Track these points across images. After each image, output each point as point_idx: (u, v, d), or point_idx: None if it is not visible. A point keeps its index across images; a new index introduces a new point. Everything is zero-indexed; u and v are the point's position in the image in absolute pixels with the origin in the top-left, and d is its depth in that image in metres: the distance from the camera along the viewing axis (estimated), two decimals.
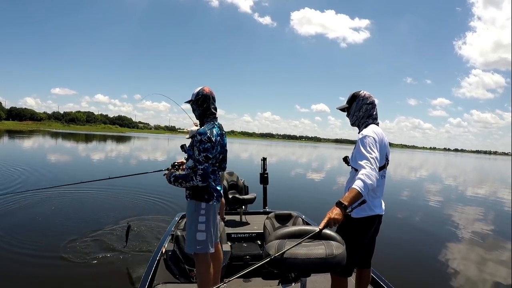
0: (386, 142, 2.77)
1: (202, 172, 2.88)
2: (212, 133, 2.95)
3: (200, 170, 2.88)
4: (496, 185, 26.18)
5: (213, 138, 2.94)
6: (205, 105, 3.10)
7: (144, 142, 56.92)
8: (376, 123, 2.84)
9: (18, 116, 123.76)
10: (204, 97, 3.10)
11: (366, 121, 2.83)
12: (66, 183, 11.29)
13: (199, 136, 2.92)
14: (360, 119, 2.86)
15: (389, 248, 6.63)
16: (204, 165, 2.89)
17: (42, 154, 23.91)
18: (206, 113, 3.12)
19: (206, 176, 2.91)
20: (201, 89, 3.13)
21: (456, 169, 46.73)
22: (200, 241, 2.97)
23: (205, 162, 2.89)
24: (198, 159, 2.91)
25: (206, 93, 3.11)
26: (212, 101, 3.14)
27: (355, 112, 2.88)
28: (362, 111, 2.84)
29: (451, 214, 12.10)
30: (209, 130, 2.96)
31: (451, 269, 6.26)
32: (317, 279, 3.55)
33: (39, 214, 7.63)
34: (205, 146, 2.89)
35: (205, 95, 3.11)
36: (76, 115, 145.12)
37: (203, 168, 2.89)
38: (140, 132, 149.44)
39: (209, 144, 2.90)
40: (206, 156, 2.89)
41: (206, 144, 2.89)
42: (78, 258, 5.42)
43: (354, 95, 2.90)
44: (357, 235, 2.71)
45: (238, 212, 5.76)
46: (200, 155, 2.89)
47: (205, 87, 3.16)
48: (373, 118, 2.84)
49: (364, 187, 2.36)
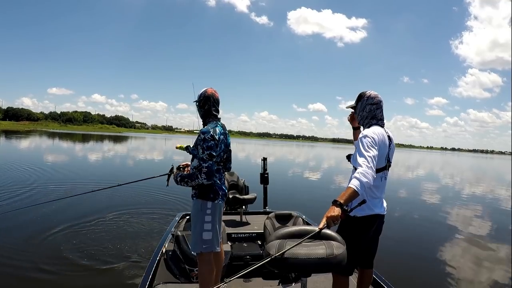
0: (388, 143, 2.75)
1: (207, 170, 2.91)
2: (215, 131, 2.99)
3: (204, 168, 2.91)
4: (493, 184, 26.31)
5: (216, 136, 2.97)
6: (206, 107, 3.14)
7: (142, 142, 56.80)
8: (381, 124, 2.81)
9: (15, 116, 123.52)
10: (205, 99, 3.15)
11: (370, 121, 2.81)
12: (72, 185, 11.32)
13: (202, 135, 2.95)
14: (364, 119, 2.85)
15: (388, 248, 6.63)
16: (209, 163, 2.92)
17: (43, 154, 23.85)
18: (208, 114, 3.15)
19: (211, 174, 2.93)
20: (204, 90, 3.18)
21: (453, 168, 46.88)
22: (206, 240, 2.98)
23: (209, 160, 2.92)
24: (202, 157, 2.94)
25: (208, 95, 3.15)
26: (214, 103, 3.17)
27: (359, 112, 2.88)
28: (365, 111, 2.83)
29: (450, 213, 12.14)
30: (212, 129, 2.99)
31: (451, 268, 6.27)
32: (318, 279, 3.55)
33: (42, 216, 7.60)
34: (208, 144, 2.92)
35: (206, 97, 3.15)
36: (73, 115, 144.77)
37: (208, 166, 2.91)
38: (138, 132, 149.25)
39: (213, 142, 2.93)
40: (210, 154, 2.92)
41: (209, 142, 2.92)
42: (78, 258, 5.41)
43: (360, 95, 2.89)
44: (357, 234, 2.71)
45: (238, 212, 5.75)
46: (204, 153, 2.92)
47: (209, 88, 3.19)
48: (377, 119, 2.81)
49: (360, 185, 2.37)
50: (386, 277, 3.35)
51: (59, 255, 5.54)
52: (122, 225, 7.31)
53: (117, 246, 5.97)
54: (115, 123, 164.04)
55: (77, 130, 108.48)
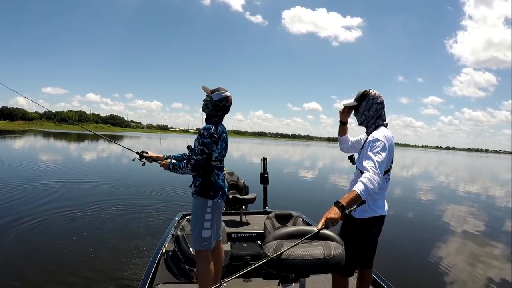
0: (393, 145, 2.74)
1: (195, 162, 2.95)
2: (216, 130, 2.99)
3: (193, 161, 2.96)
4: (489, 182, 26.47)
5: (216, 135, 2.98)
6: (219, 113, 3.11)
7: (137, 142, 56.57)
8: (386, 124, 2.79)
9: (9, 116, 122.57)
10: (224, 108, 3.10)
11: (376, 121, 2.77)
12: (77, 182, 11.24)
13: (202, 130, 2.97)
14: (369, 119, 2.78)
15: (388, 247, 6.64)
16: (198, 157, 2.95)
17: (44, 154, 23.72)
18: (216, 115, 3.11)
19: (197, 167, 2.97)
20: (228, 97, 3.09)
21: (448, 167, 47.05)
22: (205, 238, 3.00)
23: (199, 155, 2.95)
24: (194, 150, 2.98)
25: (228, 105, 3.11)
26: (227, 111, 3.15)
27: (364, 111, 2.79)
28: (372, 110, 2.76)
29: (448, 212, 12.22)
30: (214, 127, 2.99)
31: (450, 267, 6.32)
32: (318, 279, 3.56)
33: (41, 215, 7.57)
34: (204, 140, 2.94)
35: (226, 107, 3.11)
36: (68, 115, 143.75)
37: (197, 159, 2.95)
38: (133, 132, 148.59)
39: (209, 140, 2.95)
40: (202, 150, 2.95)
41: (206, 139, 2.94)
42: (78, 258, 5.41)
43: (364, 93, 2.80)
44: (360, 235, 2.71)
45: (238, 212, 5.76)
46: (197, 146, 2.96)
47: (231, 96, 3.12)
48: (382, 119, 2.78)
49: (364, 190, 2.34)
50: (386, 276, 3.36)
51: (58, 255, 5.52)
52: (122, 225, 7.31)
53: (117, 246, 5.96)
54: (110, 122, 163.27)
55: (72, 129, 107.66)
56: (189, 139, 70.28)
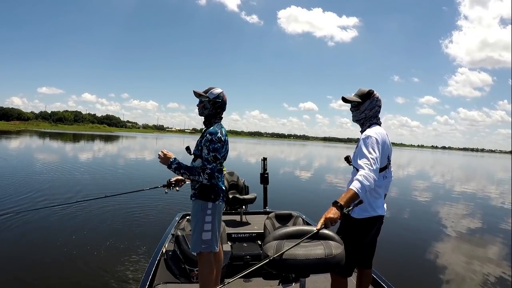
0: (388, 143, 2.77)
1: (210, 171, 2.89)
2: (222, 133, 2.98)
3: (208, 169, 2.89)
4: (485, 182, 26.60)
5: (223, 138, 2.97)
6: (219, 110, 3.10)
7: (133, 142, 56.42)
8: (380, 123, 2.85)
9: (5, 116, 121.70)
10: (222, 103, 3.11)
11: (371, 121, 2.82)
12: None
13: (209, 136, 2.91)
14: (368, 118, 2.83)
15: (387, 248, 6.66)
16: (213, 164, 2.90)
17: (43, 155, 23.61)
18: (216, 116, 3.11)
19: (213, 175, 2.93)
20: (222, 92, 3.10)
21: (444, 166, 47.23)
22: (206, 240, 2.98)
23: (213, 161, 2.90)
24: (207, 158, 2.90)
25: (225, 100, 3.12)
26: (224, 108, 3.15)
27: (366, 110, 2.82)
28: (373, 111, 2.82)
29: (446, 211, 12.26)
30: (219, 130, 2.97)
31: (450, 266, 6.36)
32: (317, 279, 3.57)
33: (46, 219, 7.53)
34: (215, 146, 2.90)
35: (224, 102, 3.12)
36: (64, 115, 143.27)
37: (212, 167, 2.90)
38: (129, 132, 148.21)
39: (219, 144, 2.92)
40: (215, 156, 2.90)
41: (216, 144, 2.90)
42: (78, 258, 5.40)
43: (369, 93, 2.82)
44: (359, 235, 2.72)
45: (238, 212, 5.77)
46: (209, 154, 2.89)
47: (223, 92, 3.13)
48: (377, 119, 2.85)
49: (361, 188, 2.35)
50: (386, 276, 3.38)
51: (58, 255, 5.51)
52: (122, 224, 7.32)
53: (117, 246, 5.97)
54: (106, 122, 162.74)
55: (68, 130, 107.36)
56: (185, 139, 70.24)
